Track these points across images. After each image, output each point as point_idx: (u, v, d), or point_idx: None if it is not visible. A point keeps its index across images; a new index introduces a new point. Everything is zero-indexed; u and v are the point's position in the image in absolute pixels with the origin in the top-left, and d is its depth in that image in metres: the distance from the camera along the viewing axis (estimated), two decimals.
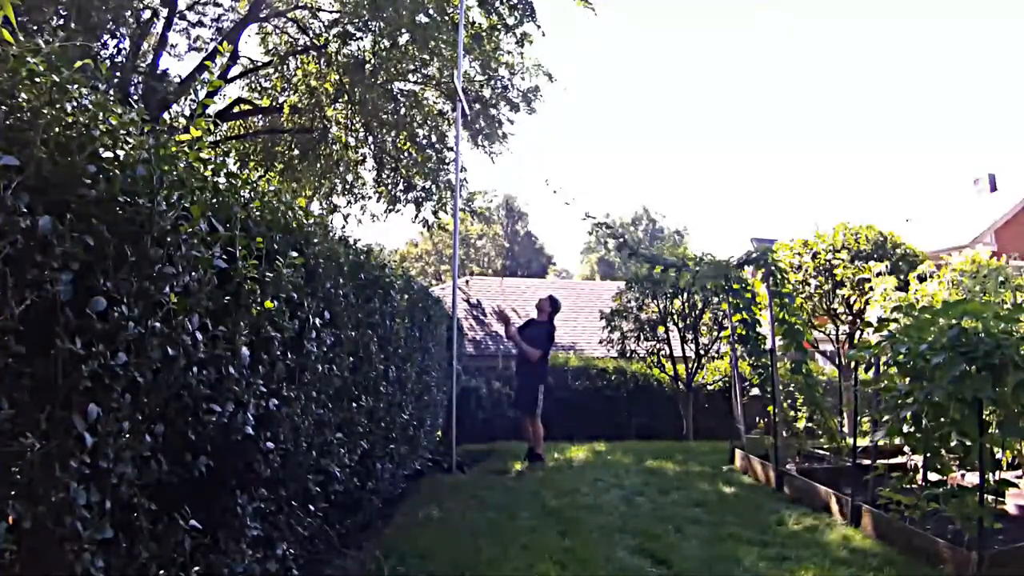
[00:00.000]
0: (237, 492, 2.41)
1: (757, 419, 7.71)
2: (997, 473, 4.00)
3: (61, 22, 8.85)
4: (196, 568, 2.09)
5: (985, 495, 3.74)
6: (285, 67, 13.46)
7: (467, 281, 20.18)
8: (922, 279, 7.30)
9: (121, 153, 1.79)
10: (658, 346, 11.60)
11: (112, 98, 1.96)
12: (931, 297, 6.52)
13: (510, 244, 48.59)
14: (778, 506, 5.30)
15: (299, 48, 13.26)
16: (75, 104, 1.73)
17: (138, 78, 11.23)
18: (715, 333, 11.14)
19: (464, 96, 8.41)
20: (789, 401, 7.20)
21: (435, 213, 14.05)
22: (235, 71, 13.48)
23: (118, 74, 9.88)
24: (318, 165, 13.72)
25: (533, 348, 7.50)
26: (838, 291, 9.43)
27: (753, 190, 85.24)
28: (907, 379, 4.16)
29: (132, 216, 1.79)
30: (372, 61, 11.92)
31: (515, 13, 12.36)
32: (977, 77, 79.33)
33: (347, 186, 14.61)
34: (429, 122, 13.48)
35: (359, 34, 12.08)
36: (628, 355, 11.89)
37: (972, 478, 4.40)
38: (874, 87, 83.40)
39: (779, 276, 7.34)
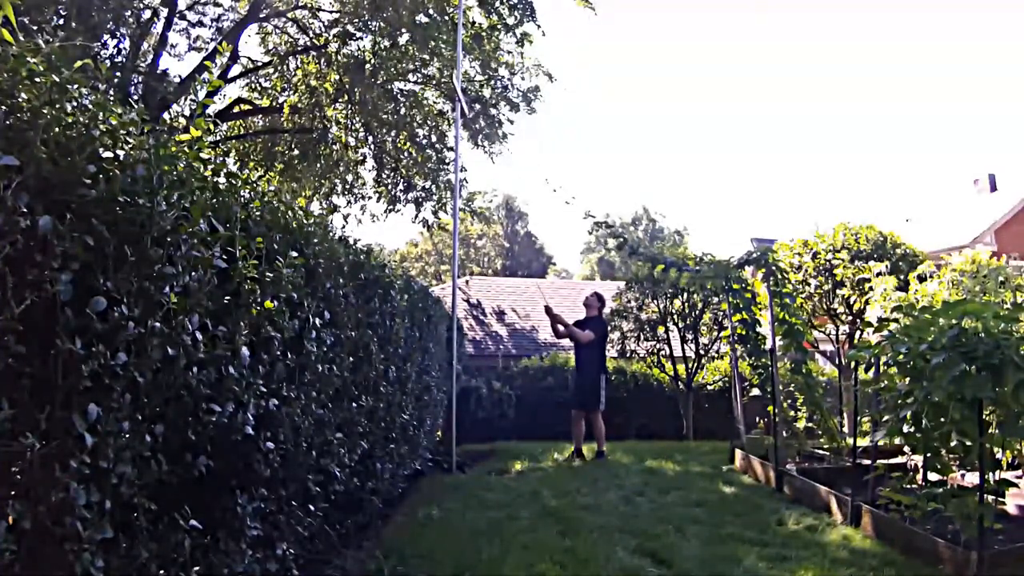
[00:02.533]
0: (237, 492, 2.41)
1: (757, 419, 7.71)
2: (997, 473, 3.99)
3: (61, 22, 8.85)
4: (196, 568, 2.09)
5: (985, 495, 3.73)
6: (285, 67, 13.47)
7: (467, 281, 20.18)
8: (922, 279, 7.29)
9: (121, 153, 1.79)
10: (658, 346, 11.60)
11: (112, 98, 1.97)
12: (931, 297, 6.51)
13: (510, 244, 48.59)
14: (778, 506, 5.30)
15: (299, 48, 13.27)
16: (75, 104, 1.73)
17: (138, 78, 11.23)
18: (715, 333, 11.14)
19: (464, 96, 8.41)
20: (789, 401, 7.20)
21: (435, 213, 14.06)
22: (235, 71, 13.49)
23: (118, 74, 9.87)
24: (318, 165, 13.72)
25: (586, 332, 7.85)
26: (838, 291, 9.42)
27: (753, 190, 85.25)
28: (907, 379, 4.16)
29: (132, 216, 1.79)
30: (372, 61, 11.93)
31: (515, 13, 12.37)
32: (977, 77, 79.38)
33: (347, 186, 14.63)
34: (429, 122, 13.49)
35: (359, 34, 12.10)
36: (628, 355, 11.89)
37: (972, 478, 4.39)
38: (874, 87, 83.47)
39: (779, 276, 7.34)
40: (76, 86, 1.76)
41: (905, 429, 4.17)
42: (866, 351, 4.75)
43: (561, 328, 8.09)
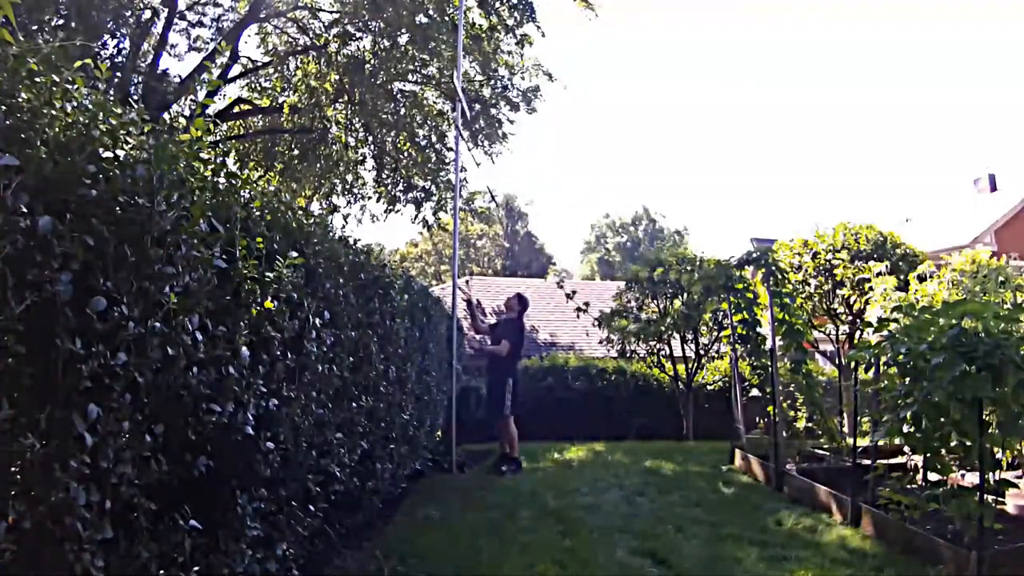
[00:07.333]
0: (237, 492, 2.41)
1: (757, 419, 7.71)
2: (997, 473, 3.99)
3: (61, 22, 8.85)
4: (196, 568, 2.09)
5: (985, 495, 3.74)
6: (285, 67, 13.46)
7: (467, 281, 20.17)
8: (922, 279, 7.29)
9: (121, 153, 1.79)
10: (658, 346, 11.60)
11: (112, 98, 1.97)
12: (931, 297, 6.52)
13: (510, 244, 48.59)
14: (778, 506, 5.30)
15: (299, 48, 13.26)
16: (75, 104, 1.73)
17: (138, 78, 11.23)
18: (715, 333, 11.14)
19: (464, 96, 8.41)
20: (789, 401, 7.20)
21: (435, 213, 14.05)
22: (235, 71, 13.48)
23: (118, 74, 9.87)
24: (318, 165, 13.71)
25: (501, 344, 7.51)
26: (838, 291, 9.43)
27: (753, 190, 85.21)
28: (907, 379, 4.16)
29: (132, 216, 1.79)
30: (372, 61, 11.93)
31: (515, 14, 12.36)
32: (977, 78, 79.34)
33: (347, 186, 14.61)
34: (429, 122, 13.48)
35: (359, 34, 12.09)
36: (628, 355, 11.89)
37: (972, 478, 4.40)
38: (874, 87, 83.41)
39: (779, 276, 7.34)
40: (76, 86, 1.76)
41: (905, 429, 4.17)
42: (866, 351, 4.75)
43: (480, 325, 7.87)
